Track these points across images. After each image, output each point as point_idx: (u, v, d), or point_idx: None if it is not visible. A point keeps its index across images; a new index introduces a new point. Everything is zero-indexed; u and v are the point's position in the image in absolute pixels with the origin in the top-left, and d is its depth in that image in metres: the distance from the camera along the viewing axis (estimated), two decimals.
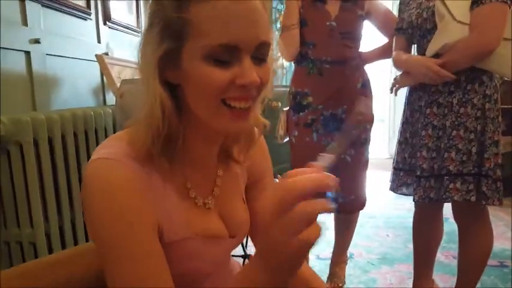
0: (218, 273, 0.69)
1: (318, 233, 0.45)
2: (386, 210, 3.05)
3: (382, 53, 1.83)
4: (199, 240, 0.62)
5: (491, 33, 1.28)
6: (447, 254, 2.21)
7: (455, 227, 1.56)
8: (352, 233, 2.01)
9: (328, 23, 1.69)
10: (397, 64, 1.56)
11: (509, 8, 1.28)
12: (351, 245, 2.07)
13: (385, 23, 1.71)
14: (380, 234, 2.60)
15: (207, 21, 0.51)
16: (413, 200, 1.44)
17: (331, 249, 2.04)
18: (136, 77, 2.05)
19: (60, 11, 1.65)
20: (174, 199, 0.61)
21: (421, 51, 1.46)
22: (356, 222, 1.99)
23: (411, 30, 1.46)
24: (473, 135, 1.34)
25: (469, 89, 1.35)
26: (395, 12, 1.69)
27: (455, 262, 1.60)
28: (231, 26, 0.51)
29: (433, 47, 1.36)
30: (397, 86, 1.52)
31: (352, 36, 1.74)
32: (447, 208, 1.56)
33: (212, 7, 0.51)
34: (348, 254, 2.11)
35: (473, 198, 1.33)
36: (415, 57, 1.46)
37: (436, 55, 1.37)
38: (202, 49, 0.52)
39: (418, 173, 1.41)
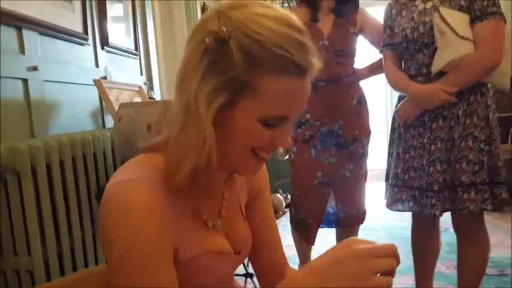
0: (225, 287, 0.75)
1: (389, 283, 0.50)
2: (386, 222, 3.05)
3: (376, 68, 1.86)
4: (209, 256, 0.66)
5: (497, 49, 1.33)
6: (448, 264, 2.20)
7: (455, 237, 1.56)
8: None
9: (320, 42, 1.71)
10: (397, 88, 1.56)
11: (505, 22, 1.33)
12: None
13: (379, 38, 1.75)
14: None
15: (272, 93, 0.56)
16: (435, 215, 1.42)
17: None
18: (134, 101, 2.08)
19: (58, 38, 1.67)
20: (189, 220, 0.64)
21: (414, 65, 1.47)
22: (357, 235, 2.00)
23: (405, 44, 1.48)
24: (482, 144, 1.36)
25: (472, 100, 1.38)
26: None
27: (456, 272, 1.60)
28: (289, 104, 0.59)
29: (438, 63, 1.39)
30: (407, 119, 1.49)
31: (345, 54, 1.77)
32: (446, 219, 1.56)
33: (278, 83, 0.56)
34: None
35: (489, 207, 1.35)
36: (420, 87, 1.44)
37: (440, 71, 1.39)
38: (260, 113, 0.57)
39: (436, 187, 1.41)
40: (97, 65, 2.01)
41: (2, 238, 1.19)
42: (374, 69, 1.87)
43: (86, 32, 1.88)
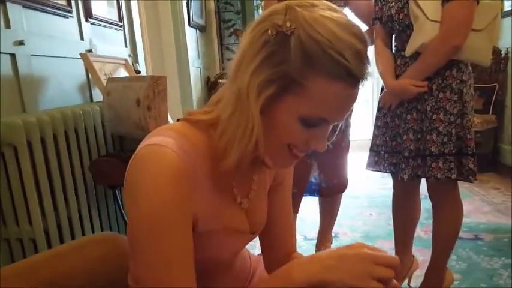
0: (234, 260, 0.79)
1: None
2: (369, 190, 3.18)
3: None
4: (226, 232, 0.68)
5: (457, 29, 1.37)
6: (427, 229, 2.33)
7: None
8: (336, 214, 2.11)
9: None
10: (379, 74, 1.62)
11: (477, 3, 1.37)
12: (335, 225, 2.18)
13: (363, 11, 1.77)
14: (363, 214, 2.72)
15: (319, 95, 0.57)
16: (402, 179, 1.53)
17: (317, 230, 2.15)
18: (118, 73, 2.08)
19: (42, 11, 1.66)
20: (217, 195, 0.66)
21: (401, 44, 1.53)
22: (339, 203, 2.09)
23: (391, 24, 1.54)
24: (452, 117, 1.44)
25: (447, 75, 1.45)
26: None
27: None
28: (333, 108, 0.60)
29: (411, 47, 1.45)
30: (391, 105, 1.57)
31: None
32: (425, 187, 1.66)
33: (328, 87, 0.57)
34: (333, 234, 2.22)
35: (454, 176, 1.45)
36: (393, 84, 1.52)
37: (416, 53, 1.45)
38: (303, 112, 0.59)
39: (406, 154, 1.51)
40: (82, 38, 2.00)
41: (4, 209, 1.24)
42: None
43: (69, 4, 1.86)
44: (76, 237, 1.48)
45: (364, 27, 1.88)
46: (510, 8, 3.33)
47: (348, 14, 1.89)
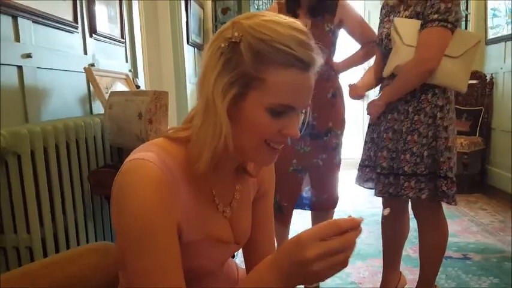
0: (220, 270, 0.82)
1: (346, 264, 0.60)
2: (360, 207, 3.22)
3: (353, 61, 1.98)
4: (210, 242, 0.72)
5: (429, 54, 1.46)
6: (416, 248, 2.35)
7: None
8: None
9: None
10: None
11: (452, 32, 1.45)
12: None
13: (357, 31, 1.86)
14: None
15: (276, 84, 0.64)
16: (375, 194, 1.63)
17: None
18: (118, 89, 2.14)
19: (50, 26, 1.73)
20: (200, 205, 0.70)
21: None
22: (331, 219, 2.13)
23: (380, 47, 1.64)
24: (425, 140, 1.51)
25: (423, 99, 1.53)
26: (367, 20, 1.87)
27: None
28: (293, 94, 0.65)
29: (387, 69, 1.55)
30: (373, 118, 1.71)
31: (322, 51, 1.90)
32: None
33: (282, 75, 0.63)
34: None
35: (423, 196, 1.51)
36: (371, 102, 1.68)
37: (392, 75, 1.55)
38: (267, 103, 0.64)
39: (379, 170, 1.59)
40: (85, 52, 2.06)
41: (3, 216, 1.27)
42: (350, 62, 1.99)
43: (75, 20, 1.93)
44: (71, 246, 1.50)
45: (358, 46, 1.98)
46: (493, 36, 3.50)
47: (343, 34, 1.98)
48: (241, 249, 0.89)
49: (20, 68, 1.52)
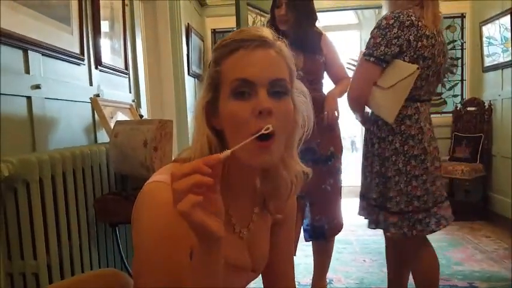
0: None
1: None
2: (362, 236, 3.20)
3: (341, 93, 2.04)
4: (227, 268, 0.67)
5: (352, 84, 1.63)
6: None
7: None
8: (330, 259, 2.13)
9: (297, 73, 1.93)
10: None
11: (378, 65, 1.50)
12: (330, 271, 2.19)
13: (334, 74, 2.03)
14: (357, 260, 2.73)
15: (231, 68, 0.69)
16: (367, 226, 1.70)
17: (311, 276, 2.16)
18: (120, 118, 2.18)
19: (58, 59, 1.79)
20: None
21: None
22: (332, 248, 2.13)
23: None
24: (376, 170, 1.62)
25: (372, 130, 1.65)
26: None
27: None
28: (247, 67, 0.68)
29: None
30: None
31: (318, 80, 2.00)
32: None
33: (234, 57, 0.69)
34: (327, 280, 2.22)
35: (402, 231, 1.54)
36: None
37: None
38: (229, 89, 0.68)
39: (373, 202, 1.64)
40: (91, 83, 2.12)
41: (10, 243, 1.28)
42: (339, 93, 2.04)
43: (82, 52, 2.00)
44: (76, 272, 1.50)
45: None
46: (490, 64, 3.59)
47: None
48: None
49: (29, 98, 1.57)
